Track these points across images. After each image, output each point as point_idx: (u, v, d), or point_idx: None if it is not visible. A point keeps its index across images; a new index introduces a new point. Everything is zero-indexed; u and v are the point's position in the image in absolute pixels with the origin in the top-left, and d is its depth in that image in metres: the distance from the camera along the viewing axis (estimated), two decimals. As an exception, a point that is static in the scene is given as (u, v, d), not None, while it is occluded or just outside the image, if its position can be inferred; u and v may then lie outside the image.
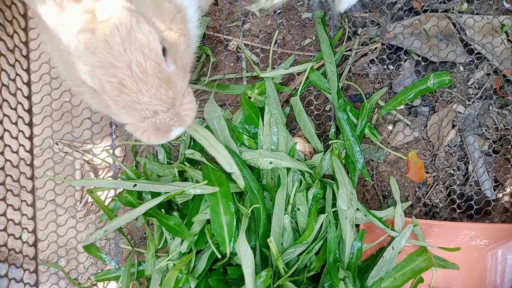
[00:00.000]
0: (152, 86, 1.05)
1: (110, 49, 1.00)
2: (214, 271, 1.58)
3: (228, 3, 1.79)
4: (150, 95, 1.05)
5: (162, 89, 1.06)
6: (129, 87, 1.03)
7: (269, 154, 1.57)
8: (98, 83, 1.04)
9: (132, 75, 1.02)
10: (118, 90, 1.04)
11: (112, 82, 1.03)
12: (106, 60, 1.01)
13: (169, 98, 1.08)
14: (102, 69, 1.01)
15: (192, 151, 1.59)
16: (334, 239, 1.52)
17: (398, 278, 1.52)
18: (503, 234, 1.63)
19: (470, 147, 1.73)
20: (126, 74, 1.02)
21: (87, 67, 1.02)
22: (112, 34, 1.00)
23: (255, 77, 1.75)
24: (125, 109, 1.07)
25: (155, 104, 1.06)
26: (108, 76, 1.02)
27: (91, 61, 1.01)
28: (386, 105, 1.71)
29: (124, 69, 1.02)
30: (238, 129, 1.66)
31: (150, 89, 1.05)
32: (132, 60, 1.02)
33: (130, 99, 1.05)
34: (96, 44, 1.00)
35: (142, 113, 1.07)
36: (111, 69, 1.01)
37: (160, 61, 1.06)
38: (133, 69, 1.02)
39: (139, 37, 1.02)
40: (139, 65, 1.02)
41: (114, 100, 1.06)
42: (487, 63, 1.76)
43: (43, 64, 1.81)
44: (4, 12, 1.75)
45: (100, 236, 1.58)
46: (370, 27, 1.75)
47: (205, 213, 1.52)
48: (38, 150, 1.81)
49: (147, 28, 1.03)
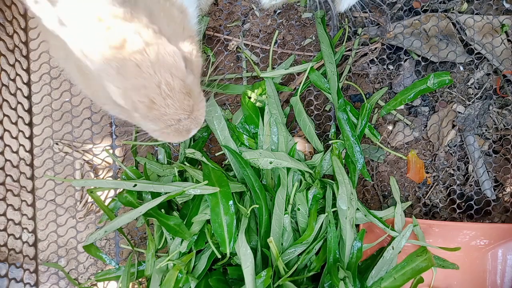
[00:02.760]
0: (178, 100, 1.14)
1: (141, 72, 1.07)
2: (214, 271, 1.58)
3: (228, 3, 1.79)
4: (175, 107, 1.15)
5: (185, 101, 1.16)
6: (158, 104, 1.12)
7: (269, 154, 1.57)
8: (130, 104, 1.12)
9: (161, 93, 1.11)
10: (149, 108, 1.12)
11: (144, 102, 1.11)
12: (138, 83, 1.08)
13: (190, 106, 1.18)
14: (134, 91, 1.09)
15: (192, 150, 1.59)
16: (334, 239, 1.52)
17: (398, 278, 1.52)
18: (503, 234, 1.63)
19: (470, 147, 1.73)
20: (155, 92, 1.11)
21: (120, 90, 1.09)
22: (143, 59, 1.07)
23: (255, 77, 1.76)
24: (153, 121, 1.17)
25: (179, 113, 1.16)
26: (140, 97, 1.10)
27: (124, 84, 1.08)
28: (386, 105, 1.71)
29: (154, 88, 1.10)
30: (238, 129, 1.66)
31: (175, 102, 1.14)
32: (162, 81, 1.10)
33: (159, 113, 1.14)
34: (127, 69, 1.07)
35: (167, 122, 1.17)
36: (143, 90, 1.09)
37: (185, 78, 1.15)
38: (162, 88, 1.11)
39: (166, 59, 1.10)
40: (168, 84, 1.11)
41: (145, 115, 1.14)
42: (487, 63, 1.76)
43: (43, 64, 1.81)
44: (4, 12, 1.75)
45: (100, 236, 1.58)
46: (370, 27, 1.75)
47: (205, 213, 1.52)
48: (38, 150, 1.81)
49: (172, 49, 1.11)
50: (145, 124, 1.20)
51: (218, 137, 1.63)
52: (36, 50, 1.81)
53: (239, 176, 1.61)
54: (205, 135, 1.70)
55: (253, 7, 1.79)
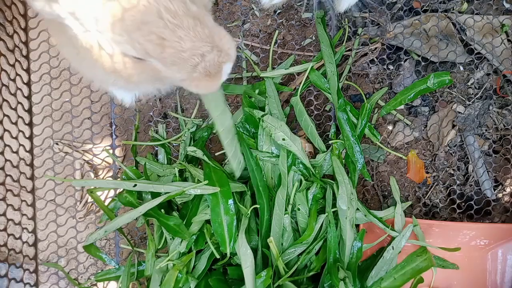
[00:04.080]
0: (188, 28, 1.01)
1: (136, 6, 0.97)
2: (214, 271, 1.58)
3: (228, 3, 1.79)
4: (190, 38, 1.01)
5: (198, 28, 1.02)
6: (169, 38, 0.99)
7: (287, 131, 1.56)
8: (140, 48, 1.00)
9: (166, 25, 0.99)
10: (161, 46, 1.00)
11: (152, 39, 0.99)
12: (137, 20, 0.97)
13: (207, 36, 1.04)
14: (137, 31, 0.98)
15: (194, 148, 1.59)
16: (334, 239, 1.52)
17: (398, 278, 1.52)
18: (503, 234, 1.63)
19: (470, 147, 1.73)
20: (160, 25, 0.98)
21: (124, 37, 0.99)
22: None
23: (255, 77, 1.76)
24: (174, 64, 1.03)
25: (199, 46, 1.02)
26: (145, 34, 0.98)
27: (124, 28, 0.98)
28: (386, 105, 1.71)
29: (156, 21, 0.98)
30: (238, 129, 1.66)
31: (188, 32, 1.01)
32: (160, 8, 0.98)
33: (175, 50, 1.01)
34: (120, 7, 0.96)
35: (191, 61, 1.03)
36: (144, 27, 0.98)
37: (184, 0, 1.02)
38: (165, 17, 0.98)
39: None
40: (168, 10, 0.98)
41: (162, 59, 1.02)
42: (487, 63, 1.76)
43: (43, 64, 1.81)
44: (4, 12, 1.75)
45: (100, 236, 1.58)
46: (370, 27, 1.75)
47: (205, 213, 1.52)
48: (38, 150, 1.81)
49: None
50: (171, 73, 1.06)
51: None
52: (36, 50, 1.81)
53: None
54: (205, 135, 1.70)
55: (253, 7, 1.79)
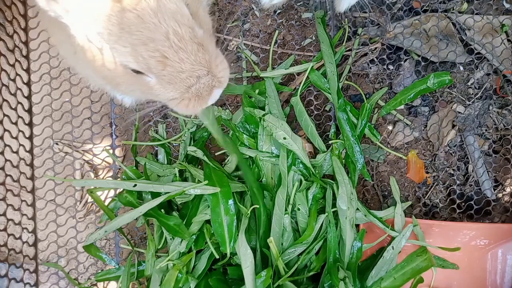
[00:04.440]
0: (191, 52, 1.04)
1: (145, 23, 0.98)
2: (214, 271, 1.58)
3: (228, 3, 1.79)
4: (191, 61, 1.04)
5: (200, 53, 1.05)
6: (172, 58, 1.02)
7: (288, 130, 1.56)
8: (142, 62, 1.02)
9: (171, 46, 1.01)
10: (162, 64, 1.02)
11: (156, 56, 1.01)
12: (144, 36, 0.99)
13: (207, 61, 1.07)
14: (143, 46, 1.00)
15: (194, 148, 1.59)
16: (334, 239, 1.52)
17: (398, 278, 1.52)
18: (503, 234, 1.63)
19: (470, 147, 1.73)
20: (166, 45, 1.01)
21: (128, 48, 1.00)
22: (143, 8, 0.98)
23: (255, 77, 1.76)
24: (171, 82, 1.06)
25: (197, 69, 1.06)
26: (150, 51, 1.00)
27: (129, 40, 0.99)
28: (386, 105, 1.71)
29: (163, 40, 1.00)
30: (238, 128, 1.66)
31: (190, 56, 1.04)
32: (169, 30, 1.00)
33: (174, 70, 1.04)
34: (130, 22, 0.98)
35: (187, 82, 1.06)
36: (151, 43, 1.00)
37: (193, 25, 1.05)
38: (171, 38, 1.01)
39: (168, 5, 1.00)
40: (176, 33, 1.01)
41: (160, 76, 1.05)
42: (487, 63, 1.76)
43: (43, 64, 1.81)
44: (4, 12, 1.75)
45: (100, 236, 1.58)
46: (370, 27, 1.75)
47: (205, 213, 1.52)
48: (38, 150, 1.81)
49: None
50: (165, 90, 1.08)
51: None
52: (36, 50, 1.81)
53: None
54: (205, 135, 1.70)
55: (253, 7, 1.79)
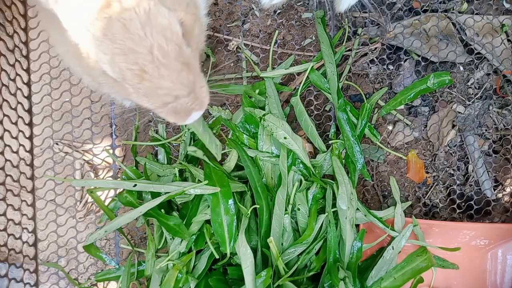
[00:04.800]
0: (174, 70, 1.01)
1: (130, 34, 0.96)
2: (214, 271, 1.58)
3: (228, 3, 1.79)
4: (172, 80, 1.02)
5: (183, 72, 1.03)
6: (151, 73, 1.00)
7: (289, 130, 1.56)
8: (118, 72, 1.00)
9: (153, 60, 0.99)
10: (140, 77, 1.00)
11: (133, 69, 0.99)
12: (126, 46, 0.97)
13: (190, 82, 1.05)
14: (122, 56, 0.98)
15: (194, 148, 1.59)
16: (334, 239, 1.52)
17: (398, 278, 1.52)
18: (503, 234, 1.63)
19: (470, 147, 1.73)
20: (147, 59, 0.99)
21: (107, 56, 0.99)
22: (131, 18, 0.96)
23: (255, 77, 1.76)
24: (146, 96, 1.04)
25: (177, 89, 1.03)
26: (129, 63, 0.99)
27: (110, 48, 0.97)
28: (386, 105, 1.71)
29: (145, 54, 0.98)
30: (239, 128, 1.66)
31: (172, 73, 1.01)
32: (154, 45, 0.98)
33: (151, 85, 1.01)
34: (114, 30, 0.96)
35: (163, 99, 1.04)
36: (131, 55, 0.98)
37: (182, 44, 1.03)
38: (155, 54, 0.99)
39: (159, 20, 0.98)
40: (161, 49, 0.99)
41: (135, 88, 1.02)
42: (487, 63, 1.76)
43: (43, 64, 1.81)
44: (4, 12, 1.75)
45: (100, 236, 1.58)
46: (370, 27, 1.75)
47: (205, 213, 1.52)
48: (38, 150, 1.81)
49: (165, 10, 1.00)
50: (138, 100, 1.06)
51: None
52: (36, 50, 1.81)
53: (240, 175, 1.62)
54: (205, 135, 1.70)
55: (253, 7, 1.79)
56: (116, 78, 1.03)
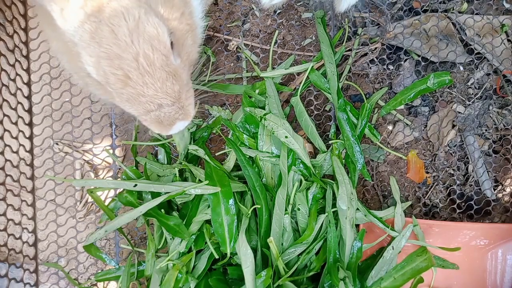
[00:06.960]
0: (158, 79, 1.02)
1: (117, 39, 0.98)
2: (214, 271, 1.58)
3: (228, 3, 1.79)
4: (155, 88, 1.03)
5: (168, 82, 1.04)
6: (135, 80, 1.01)
7: (289, 129, 1.56)
8: (102, 75, 1.02)
9: (138, 68, 1.00)
10: (123, 83, 1.01)
11: (117, 74, 1.00)
12: (112, 51, 0.98)
13: (175, 92, 1.06)
14: (107, 60, 0.99)
15: (196, 147, 1.59)
16: (334, 239, 1.52)
17: (398, 278, 1.52)
18: (503, 234, 1.63)
19: (470, 147, 1.73)
20: (132, 66, 1.00)
21: (93, 58, 1.00)
22: (119, 24, 0.97)
23: (255, 77, 1.76)
24: (129, 102, 1.05)
25: (160, 97, 1.04)
26: (114, 68, 1.00)
27: (96, 52, 0.99)
28: (386, 105, 1.71)
29: (130, 61, 1.00)
30: (239, 128, 1.66)
31: (156, 82, 1.02)
32: (140, 52, 0.99)
33: (135, 92, 1.03)
34: (102, 34, 0.97)
35: (146, 106, 1.05)
36: (116, 60, 0.99)
37: (169, 54, 1.04)
38: (140, 61, 1.00)
39: (148, 29, 0.99)
40: (147, 57, 1.00)
41: (118, 92, 1.04)
42: (487, 63, 1.76)
43: (43, 64, 1.81)
44: (4, 12, 1.75)
45: (100, 236, 1.58)
46: (370, 27, 1.75)
47: (205, 213, 1.52)
48: (38, 150, 1.81)
49: (155, 20, 1.01)
50: (121, 105, 1.07)
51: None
52: (36, 50, 1.81)
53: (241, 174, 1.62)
54: (205, 135, 1.70)
55: (253, 7, 1.79)
56: (100, 81, 1.04)
